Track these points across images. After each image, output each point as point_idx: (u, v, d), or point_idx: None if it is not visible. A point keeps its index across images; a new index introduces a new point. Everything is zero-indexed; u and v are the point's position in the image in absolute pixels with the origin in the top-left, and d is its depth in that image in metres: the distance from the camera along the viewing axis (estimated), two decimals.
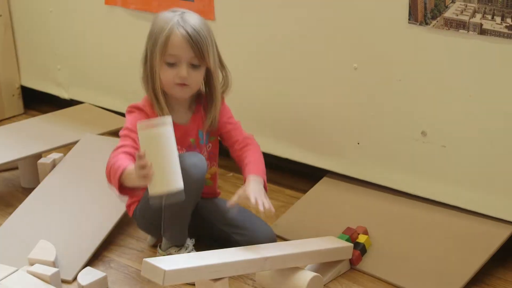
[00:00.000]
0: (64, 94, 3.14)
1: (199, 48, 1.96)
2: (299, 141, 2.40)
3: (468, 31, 1.94)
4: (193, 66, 1.98)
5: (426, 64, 2.06)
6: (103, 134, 2.65)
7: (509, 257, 2.05)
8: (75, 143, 2.58)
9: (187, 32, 1.94)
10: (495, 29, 1.89)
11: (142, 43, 2.04)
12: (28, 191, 2.44)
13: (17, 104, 3.30)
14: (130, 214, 2.11)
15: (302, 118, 2.38)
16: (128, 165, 1.86)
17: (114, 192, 1.90)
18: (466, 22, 1.93)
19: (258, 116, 2.49)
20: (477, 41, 1.94)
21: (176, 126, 1.99)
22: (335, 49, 2.24)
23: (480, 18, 1.91)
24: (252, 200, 1.91)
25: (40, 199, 2.34)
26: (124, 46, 2.83)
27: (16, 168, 2.67)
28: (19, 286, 1.86)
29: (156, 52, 1.96)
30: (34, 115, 3.12)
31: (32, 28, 3.17)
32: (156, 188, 1.76)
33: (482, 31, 1.91)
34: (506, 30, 1.87)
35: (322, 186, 2.38)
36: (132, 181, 1.83)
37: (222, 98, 2.10)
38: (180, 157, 1.98)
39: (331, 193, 2.34)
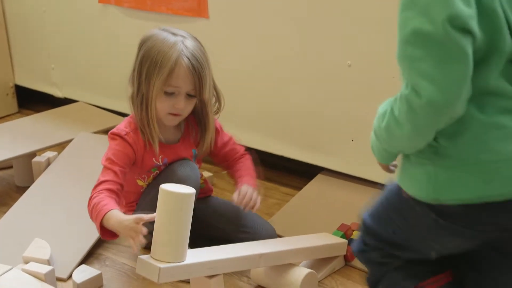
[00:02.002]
0: (58, 93, 3.14)
1: (200, 81, 1.91)
2: (294, 138, 2.41)
3: None
4: (189, 96, 1.94)
5: None
6: (97, 132, 2.65)
7: None
8: (69, 141, 2.59)
9: (192, 65, 1.89)
10: None
11: (135, 41, 2.02)
12: (22, 189, 2.44)
13: (11, 103, 3.30)
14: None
15: (296, 116, 2.38)
16: (111, 208, 1.82)
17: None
18: None
19: (252, 114, 2.49)
20: None
21: (167, 146, 1.99)
22: (329, 46, 2.24)
23: None
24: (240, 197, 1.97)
25: (35, 197, 2.33)
26: (118, 44, 2.83)
27: (11, 167, 2.66)
28: (14, 285, 1.86)
29: (156, 79, 1.88)
30: (28, 114, 3.12)
31: (26, 27, 3.17)
32: (160, 255, 1.68)
33: None
34: None
35: (317, 183, 2.38)
36: (112, 227, 1.79)
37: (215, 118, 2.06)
38: (172, 166, 1.97)
39: (325, 190, 2.34)
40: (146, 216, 1.70)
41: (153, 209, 1.80)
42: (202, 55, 1.93)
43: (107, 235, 1.86)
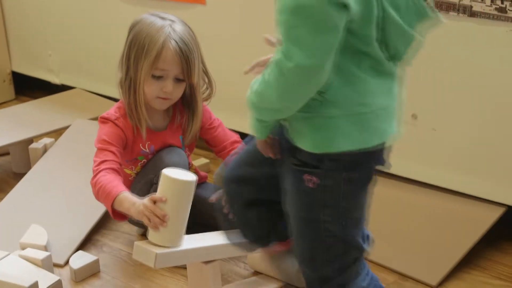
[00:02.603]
0: (55, 80, 3.14)
1: (188, 64, 1.90)
2: None
3: (458, 13, 1.94)
4: (177, 80, 1.93)
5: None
6: (94, 119, 2.65)
7: (499, 238, 2.06)
8: (66, 128, 2.59)
9: (180, 48, 1.89)
10: (485, 11, 1.89)
11: None
12: (19, 176, 2.44)
13: (8, 90, 3.29)
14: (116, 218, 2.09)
15: None
16: (121, 190, 1.80)
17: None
18: (456, 4, 1.94)
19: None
20: (467, 23, 1.94)
21: (154, 133, 1.99)
22: None
23: (470, 0, 1.91)
24: None
25: (32, 184, 2.34)
26: (115, 31, 2.82)
27: (8, 153, 2.67)
28: (11, 270, 1.86)
29: (144, 63, 1.89)
30: (25, 101, 3.11)
31: (23, 13, 3.16)
32: (157, 239, 1.67)
33: (472, 13, 1.92)
34: (496, 12, 1.87)
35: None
36: (127, 211, 1.77)
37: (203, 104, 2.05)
38: (160, 154, 1.96)
39: None
40: (157, 197, 1.68)
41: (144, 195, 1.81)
42: (191, 39, 1.92)
43: (117, 216, 1.86)
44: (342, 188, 1.37)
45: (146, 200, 1.69)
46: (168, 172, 1.66)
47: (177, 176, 1.65)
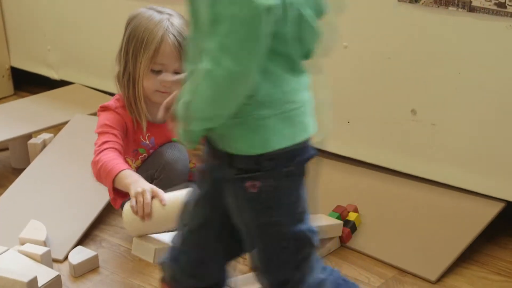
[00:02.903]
0: (54, 75, 3.14)
1: None
2: None
3: (458, 8, 1.94)
4: (176, 74, 1.94)
5: (415, 42, 2.06)
6: (93, 114, 2.65)
7: (498, 234, 2.06)
8: (65, 123, 2.59)
9: (178, 42, 1.90)
10: (485, 6, 1.89)
11: None
12: (18, 171, 2.44)
13: (7, 85, 3.29)
14: (117, 206, 2.09)
15: None
16: (125, 168, 1.80)
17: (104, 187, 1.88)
18: None
19: None
20: (466, 18, 1.94)
21: (154, 125, 1.99)
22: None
23: None
24: None
25: (31, 179, 2.34)
26: (114, 26, 2.81)
27: (7, 148, 2.66)
28: (10, 266, 1.86)
29: (143, 58, 1.90)
30: (24, 96, 3.11)
31: (22, 8, 3.16)
32: (128, 216, 1.71)
33: (472, 8, 1.91)
34: (495, 7, 1.87)
35: (312, 165, 2.38)
36: (126, 186, 1.77)
37: None
38: (160, 151, 1.97)
39: (321, 171, 2.33)
40: (162, 195, 1.68)
41: None
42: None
43: (117, 196, 1.85)
44: (283, 185, 1.39)
45: (149, 188, 1.69)
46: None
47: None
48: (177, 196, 1.67)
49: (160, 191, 1.70)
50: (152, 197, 1.70)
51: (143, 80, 1.92)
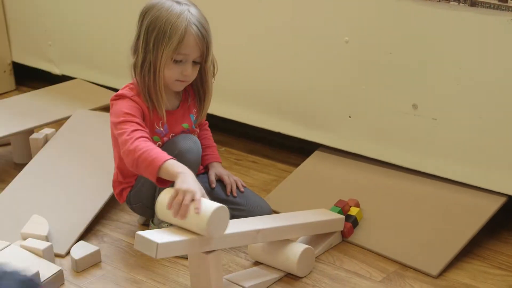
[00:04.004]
0: (56, 70, 3.14)
1: (207, 49, 1.95)
2: (291, 115, 2.41)
3: (459, 3, 1.94)
4: (194, 63, 1.97)
5: (417, 36, 2.06)
6: (94, 109, 2.65)
7: (499, 228, 2.07)
8: (67, 118, 2.58)
9: (201, 33, 1.93)
10: (486, 0, 1.89)
11: (133, 17, 2.01)
12: (20, 166, 2.44)
13: (9, 80, 3.29)
14: (122, 201, 2.10)
15: (293, 92, 2.38)
16: (167, 158, 1.81)
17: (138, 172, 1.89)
18: None
19: (249, 90, 2.49)
20: (468, 13, 1.94)
21: (169, 112, 2.00)
22: (326, 23, 2.23)
23: None
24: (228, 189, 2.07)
25: (33, 174, 2.34)
26: (115, 21, 2.82)
27: (9, 144, 2.67)
28: (12, 260, 1.86)
29: (165, 48, 1.91)
30: (25, 91, 3.11)
31: (23, 4, 3.15)
32: (163, 205, 1.75)
33: (473, 3, 1.91)
34: (496, 2, 1.87)
35: (314, 160, 2.38)
36: (173, 175, 1.78)
37: None
38: (174, 140, 1.98)
39: (323, 166, 2.34)
40: (199, 204, 1.70)
41: (153, 183, 1.84)
42: (206, 22, 1.97)
43: (161, 182, 1.85)
44: None
45: (191, 189, 1.71)
46: (218, 212, 1.70)
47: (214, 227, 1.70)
48: (211, 207, 1.70)
49: (198, 197, 1.72)
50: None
51: (164, 69, 1.93)
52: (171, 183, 1.79)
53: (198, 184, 1.75)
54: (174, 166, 1.79)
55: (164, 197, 1.74)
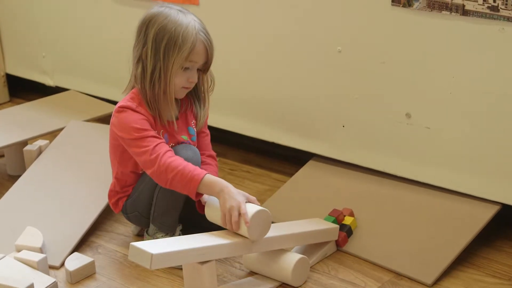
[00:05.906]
0: (49, 81, 3.14)
1: (211, 56, 1.99)
2: (285, 125, 2.41)
3: (451, 12, 1.95)
4: (197, 70, 2.00)
5: (409, 46, 2.07)
6: (88, 120, 2.65)
7: (493, 236, 2.07)
8: (61, 129, 2.58)
9: (209, 40, 1.97)
10: (477, 9, 1.90)
11: (128, 28, 2.01)
12: (14, 178, 2.44)
13: (2, 92, 3.29)
14: (117, 210, 2.10)
15: (287, 102, 2.38)
16: (204, 173, 1.87)
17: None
18: (448, 3, 1.94)
19: (243, 100, 2.49)
20: (460, 22, 1.95)
21: (169, 122, 2.01)
22: (319, 32, 2.24)
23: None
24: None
25: (27, 186, 2.33)
26: (109, 32, 2.82)
27: (2, 155, 2.66)
28: (6, 273, 1.86)
29: (177, 57, 1.93)
30: (19, 103, 3.11)
31: (16, 15, 3.16)
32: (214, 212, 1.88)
33: (465, 12, 1.92)
34: (488, 11, 1.88)
35: (308, 169, 2.39)
36: (213, 194, 1.87)
37: None
38: (175, 149, 1.98)
39: (317, 176, 2.35)
40: (246, 217, 1.80)
41: (151, 193, 1.84)
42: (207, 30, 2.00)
43: (199, 196, 1.91)
44: None
45: (236, 206, 1.81)
46: (258, 216, 1.81)
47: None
48: (250, 213, 1.81)
49: (243, 210, 1.81)
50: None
51: (174, 77, 1.94)
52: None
53: (238, 194, 1.84)
54: (211, 184, 1.86)
55: (211, 214, 1.89)
